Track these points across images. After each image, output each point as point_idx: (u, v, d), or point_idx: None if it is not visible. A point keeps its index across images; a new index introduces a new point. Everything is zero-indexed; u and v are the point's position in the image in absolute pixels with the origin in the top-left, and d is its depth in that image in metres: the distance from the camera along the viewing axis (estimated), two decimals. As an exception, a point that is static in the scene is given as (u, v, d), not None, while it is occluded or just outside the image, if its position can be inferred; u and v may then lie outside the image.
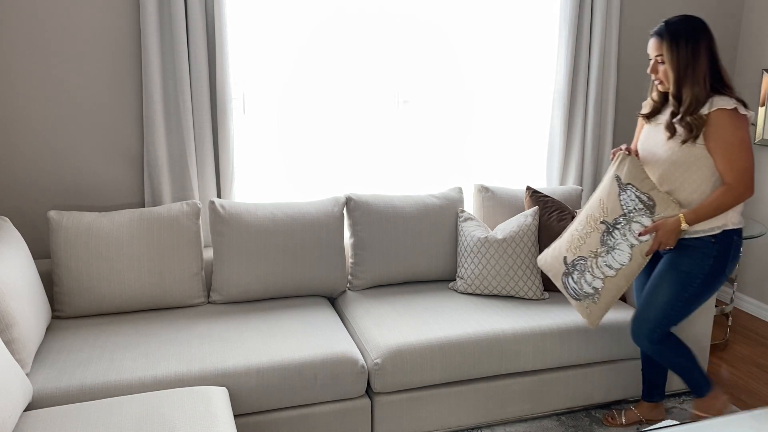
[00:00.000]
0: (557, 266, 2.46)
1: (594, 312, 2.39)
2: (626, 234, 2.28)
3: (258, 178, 3.11)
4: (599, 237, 2.33)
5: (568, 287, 2.43)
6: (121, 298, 2.58)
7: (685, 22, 2.20)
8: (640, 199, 2.27)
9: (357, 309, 2.74)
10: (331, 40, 3.05)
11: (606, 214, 2.32)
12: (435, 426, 2.57)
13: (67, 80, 2.75)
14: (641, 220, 2.26)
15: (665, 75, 2.23)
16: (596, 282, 2.35)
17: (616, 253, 2.30)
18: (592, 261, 2.35)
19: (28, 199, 2.81)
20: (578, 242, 2.38)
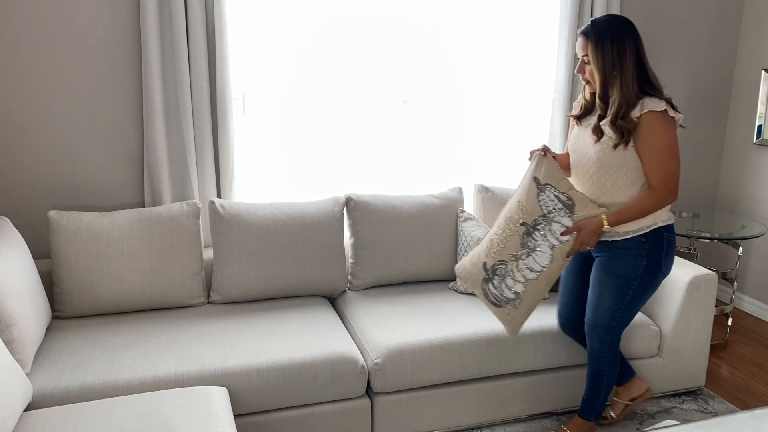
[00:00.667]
0: (476, 273, 2.38)
1: (515, 318, 2.33)
2: (547, 235, 2.24)
3: (258, 178, 3.11)
4: (519, 239, 2.28)
5: (488, 294, 2.35)
6: (121, 298, 2.58)
7: (611, 22, 2.15)
8: (559, 199, 2.23)
9: (357, 309, 2.74)
10: (331, 41, 3.05)
11: (525, 215, 2.27)
12: (435, 426, 2.57)
13: (67, 80, 2.75)
14: (561, 220, 2.23)
15: (591, 75, 2.19)
16: (517, 286, 2.29)
17: (536, 255, 2.26)
18: (512, 264, 2.29)
19: (28, 199, 2.81)
20: (498, 246, 2.32)
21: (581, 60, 2.21)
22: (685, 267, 2.78)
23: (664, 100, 2.15)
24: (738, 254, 3.45)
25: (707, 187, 4.00)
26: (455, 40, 3.23)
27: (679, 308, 2.74)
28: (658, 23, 3.59)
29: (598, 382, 2.44)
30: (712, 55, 3.77)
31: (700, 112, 3.84)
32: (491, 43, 3.26)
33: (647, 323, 2.76)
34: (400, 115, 3.25)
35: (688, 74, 3.74)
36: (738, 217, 3.69)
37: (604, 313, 2.32)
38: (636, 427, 2.66)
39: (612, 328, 2.34)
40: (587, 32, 2.16)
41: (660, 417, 2.74)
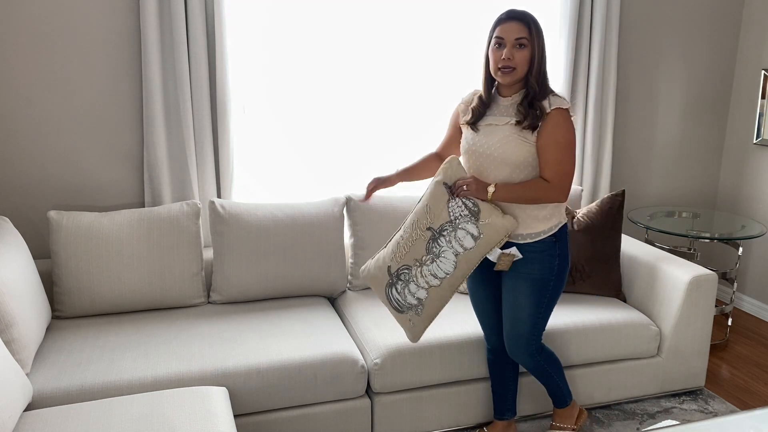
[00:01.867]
0: (380, 277, 2.31)
1: (417, 325, 2.27)
2: (452, 241, 2.18)
3: (258, 178, 3.11)
4: (425, 244, 2.22)
5: (391, 299, 2.29)
6: (121, 298, 2.58)
7: (535, 17, 2.13)
8: (466, 206, 2.18)
9: (357, 309, 2.74)
10: (332, 40, 3.05)
11: (432, 220, 2.21)
12: (435, 426, 2.57)
13: (67, 80, 2.75)
14: (467, 227, 2.17)
15: (523, 60, 2.10)
16: (420, 292, 2.23)
17: (441, 261, 2.20)
18: (416, 270, 2.23)
19: (28, 199, 2.81)
20: (403, 250, 2.25)
21: (510, 44, 2.09)
22: (685, 267, 2.78)
23: (562, 97, 2.15)
24: (738, 254, 3.45)
25: (707, 187, 4.00)
26: (455, 40, 3.23)
27: (679, 308, 2.74)
28: (658, 23, 3.59)
29: (549, 379, 2.41)
30: (712, 55, 3.77)
31: (700, 112, 3.84)
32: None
33: (647, 323, 2.76)
34: (401, 115, 3.24)
35: (688, 74, 3.75)
36: (738, 217, 3.69)
37: (525, 321, 2.26)
38: (636, 427, 2.66)
39: (534, 336, 2.29)
40: (521, 17, 2.10)
41: (660, 417, 2.74)
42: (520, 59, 2.10)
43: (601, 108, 3.49)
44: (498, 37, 2.12)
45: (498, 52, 2.12)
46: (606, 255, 2.91)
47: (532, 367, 2.37)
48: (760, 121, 3.68)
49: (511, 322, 2.29)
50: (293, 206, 2.82)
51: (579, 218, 2.96)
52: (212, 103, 2.91)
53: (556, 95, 2.16)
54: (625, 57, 3.58)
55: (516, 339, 2.30)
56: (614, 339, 2.70)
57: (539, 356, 2.34)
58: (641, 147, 3.76)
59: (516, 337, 2.30)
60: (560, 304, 2.81)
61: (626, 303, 2.94)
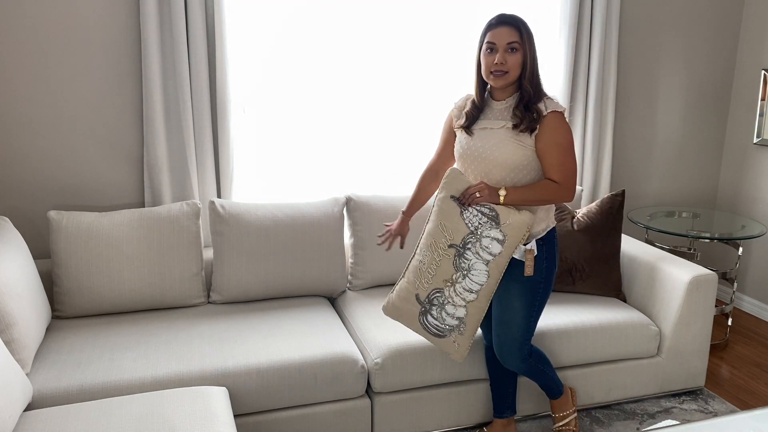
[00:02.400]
0: (410, 308, 2.25)
1: (462, 344, 2.24)
2: (479, 252, 2.15)
3: (258, 178, 3.11)
4: (451, 262, 2.18)
5: (429, 327, 2.24)
6: (121, 298, 2.58)
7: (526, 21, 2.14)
8: (482, 213, 2.14)
9: (357, 309, 2.74)
10: (332, 40, 3.05)
11: (452, 237, 2.17)
12: (435, 426, 2.57)
13: (67, 80, 2.75)
14: (490, 234, 2.13)
15: (516, 64, 2.10)
16: (459, 311, 2.20)
17: (473, 275, 2.16)
18: (449, 290, 2.19)
19: (28, 199, 2.81)
20: (428, 274, 2.20)
21: (502, 48, 2.09)
22: (685, 267, 2.78)
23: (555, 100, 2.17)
24: (738, 254, 3.45)
25: (707, 187, 4.00)
26: (455, 40, 3.23)
27: (679, 308, 2.74)
28: (658, 23, 3.59)
29: (542, 375, 2.41)
30: (712, 55, 3.77)
31: (700, 112, 3.84)
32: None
33: (647, 323, 2.76)
34: (401, 115, 3.24)
35: (688, 74, 3.75)
36: (738, 217, 3.69)
37: (518, 324, 2.25)
38: (636, 427, 2.66)
39: (526, 339, 2.29)
40: (512, 21, 2.10)
41: (660, 417, 2.74)
42: (513, 63, 2.10)
43: (601, 108, 3.49)
44: (489, 42, 2.12)
45: (490, 57, 2.13)
46: (606, 255, 2.91)
47: (526, 370, 2.36)
48: (760, 121, 3.68)
49: (504, 326, 2.28)
50: (293, 206, 2.82)
51: (579, 218, 2.95)
52: (212, 103, 2.91)
53: (550, 98, 2.16)
54: (625, 57, 3.58)
55: (509, 344, 2.29)
56: (614, 339, 2.70)
57: (531, 359, 2.35)
58: (641, 147, 3.76)
59: (509, 342, 2.29)
60: (560, 304, 2.81)
61: (626, 303, 2.94)
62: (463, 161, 2.26)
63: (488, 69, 2.14)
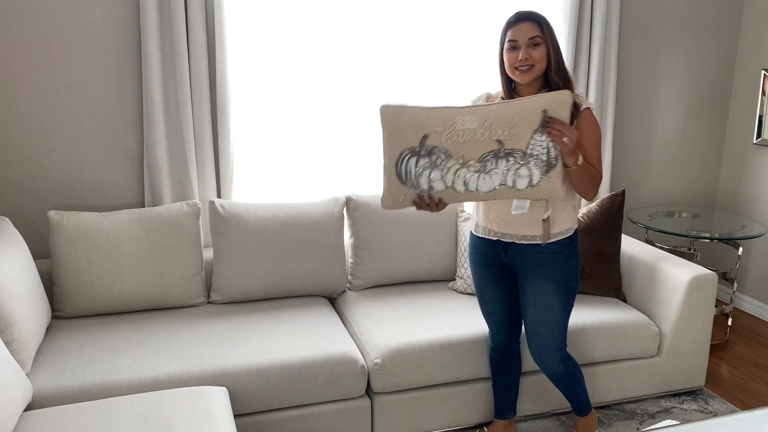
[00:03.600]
0: (406, 134, 1.98)
1: (403, 203, 2.04)
2: (509, 171, 1.97)
3: (258, 178, 3.11)
4: (483, 152, 1.96)
5: (401, 164, 1.99)
6: (121, 298, 2.58)
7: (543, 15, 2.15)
8: (548, 151, 1.95)
9: (357, 309, 2.74)
10: (331, 40, 3.05)
11: (508, 136, 1.95)
12: (435, 426, 2.57)
13: (68, 80, 2.75)
14: (532, 170, 1.96)
15: (540, 57, 2.09)
16: (438, 184, 2.00)
17: (483, 178, 1.98)
18: (455, 164, 1.98)
19: (28, 199, 2.81)
20: (456, 136, 1.96)
21: (525, 44, 2.08)
22: (685, 267, 2.78)
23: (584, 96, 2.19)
24: (738, 254, 3.45)
25: (707, 187, 4.00)
26: (455, 39, 3.23)
27: (679, 308, 2.74)
28: (658, 23, 3.59)
29: (577, 384, 2.38)
30: (712, 55, 3.77)
31: (700, 112, 3.84)
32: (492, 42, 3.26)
33: (647, 323, 2.76)
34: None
35: (688, 74, 3.74)
36: (738, 217, 3.69)
37: (556, 323, 2.23)
38: (636, 427, 2.66)
39: (564, 338, 2.28)
40: (531, 16, 2.10)
41: (660, 417, 2.74)
42: (537, 57, 2.10)
43: (601, 108, 3.49)
44: (511, 40, 2.11)
45: (513, 54, 2.11)
46: (606, 255, 2.91)
47: (563, 373, 2.31)
48: (760, 121, 3.68)
49: (544, 326, 2.23)
50: (293, 206, 2.82)
51: (579, 218, 2.96)
52: (212, 103, 2.91)
53: (579, 94, 2.17)
54: (625, 57, 3.58)
55: (550, 345, 2.25)
56: (614, 339, 2.70)
57: (569, 362, 2.32)
58: (641, 147, 3.76)
59: (550, 343, 2.25)
60: (560, 304, 2.81)
61: (626, 303, 2.94)
62: None
63: (512, 65, 2.12)
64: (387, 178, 2.03)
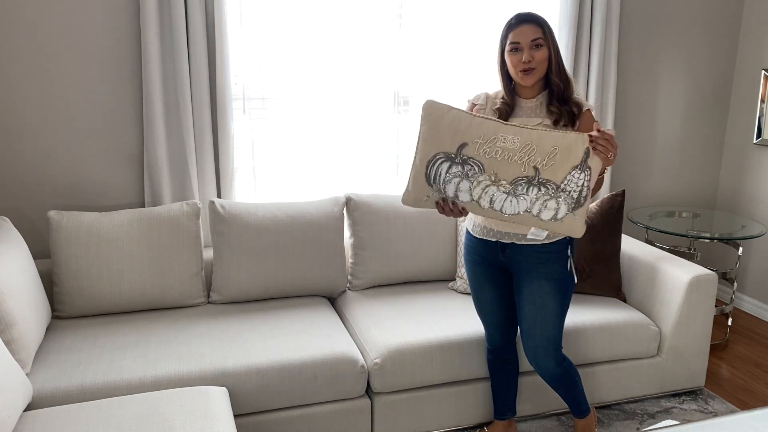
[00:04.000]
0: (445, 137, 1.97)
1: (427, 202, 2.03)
2: (538, 201, 1.95)
3: (258, 178, 3.11)
4: (516, 176, 1.95)
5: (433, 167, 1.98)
6: (121, 298, 2.58)
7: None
8: (580, 191, 1.94)
9: (357, 309, 2.74)
10: (332, 40, 3.05)
11: (545, 166, 1.94)
12: (435, 426, 2.57)
13: (68, 80, 2.75)
14: (560, 205, 1.95)
15: (542, 59, 2.10)
16: (464, 195, 1.98)
17: (510, 201, 1.97)
18: (485, 180, 1.96)
19: (28, 199, 2.81)
20: (494, 152, 1.95)
21: (527, 46, 2.09)
22: (685, 267, 2.78)
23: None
24: (738, 254, 3.45)
25: (707, 187, 4.00)
26: (455, 39, 3.23)
27: (679, 308, 2.74)
28: (658, 23, 3.59)
29: (574, 385, 2.37)
30: (712, 55, 3.77)
31: (700, 112, 3.84)
32: (491, 42, 3.26)
33: (647, 323, 2.76)
34: (400, 115, 3.25)
35: (688, 74, 3.74)
36: (738, 217, 3.69)
37: (552, 323, 2.23)
38: (636, 427, 2.66)
39: (560, 340, 2.27)
40: (533, 18, 2.11)
41: (660, 417, 2.74)
42: (539, 59, 2.11)
43: (601, 108, 3.49)
44: (513, 42, 2.12)
45: (515, 56, 2.12)
46: (606, 255, 2.91)
47: (560, 375, 2.30)
48: (760, 121, 3.68)
49: (539, 326, 2.23)
50: (293, 206, 2.82)
51: (579, 218, 2.95)
52: (212, 103, 2.91)
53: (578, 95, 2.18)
54: (625, 57, 3.58)
55: (545, 346, 2.25)
56: (614, 339, 2.69)
57: (565, 363, 2.32)
58: (641, 147, 3.76)
59: (545, 344, 2.25)
60: (560, 304, 2.81)
61: (626, 303, 2.94)
62: None
63: (516, 68, 2.13)
64: (414, 175, 2.02)
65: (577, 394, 2.39)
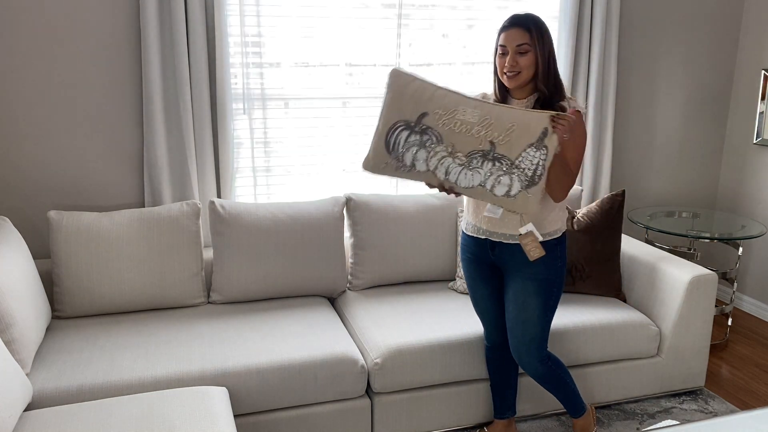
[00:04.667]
0: (408, 105, 1.98)
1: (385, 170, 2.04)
2: (491, 175, 1.97)
3: (258, 178, 3.10)
4: (472, 148, 1.97)
5: (393, 134, 1.99)
6: (121, 298, 2.58)
7: (537, 17, 2.12)
8: (535, 170, 1.95)
9: (357, 309, 2.74)
10: (331, 39, 3.05)
11: (502, 142, 1.95)
12: (435, 426, 2.57)
13: (68, 80, 2.75)
14: (514, 182, 1.96)
15: (528, 64, 2.09)
16: (421, 164, 2.00)
17: (465, 173, 1.99)
18: (442, 150, 1.98)
19: (28, 199, 2.81)
20: (453, 123, 1.97)
21: (513, 51, 2.08)
22: (685, 267, 2.78)
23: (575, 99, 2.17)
24: (738, 254, 3.45)
25: (707, 187, 4.00)
26: (455, 39, 3.23)
27: (679, 308, 2.74)
28: (658, 23, 3.59)
29: (562, 384, 2.38)
30: (712, 55, 3.77)
31: (700, 112, 3.84)
32: (491, 42, 3.26)
33: (647, 323, 2.76)
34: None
35: (688, 74, 3.74)
36: (738, 217, 3.69)
37: (535, 323, 2.24)
38: (636, 427, 2.66)
39: (544, 340, 2.28)
40: (522, 22, 2.09)
41: (660, 417, 2.74)
42: (524, 64, 2.10)
43: (601, 108, 3.49)
44: (501, 45, 2.13)
45: (502, 60, 2.13)
46: (606, 255, 2.91)
47: (544, 374, 2.33)
48: (760, 121, 3.68)
49: (521, 325, 2.25)
50: (293, 206, 2.82)
51: (579, 218, 2.96)
52: (212, 103, 2.91)
53: (571, 98, 2.17)
54: (625, 57, 3.58)
55: (527, 344, 2.27)
56: (614, 339, 2.70)
57: (550, 362, 2.33)
58: (641, 147, 3.76)
59: (527, 342, 2.27)
60: (560, 304, 2.81)
61: (626, 303, 2.94)
62: None
63: (501, 71, 2.15)
64: (376, 141, 2.04)
65: (568, 393, 2.40)
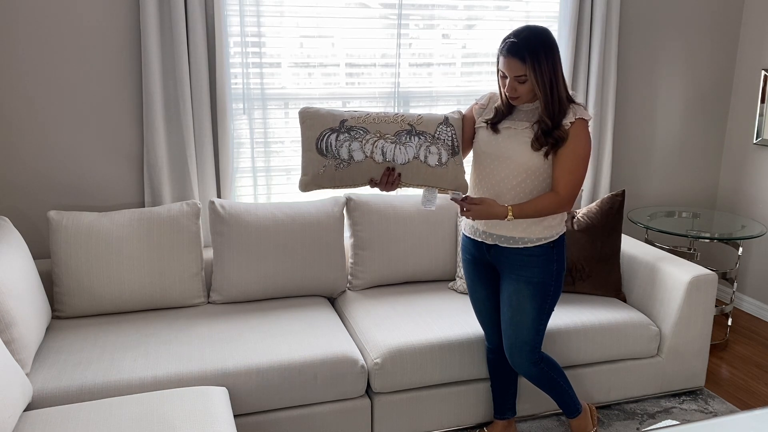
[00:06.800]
0: (327, 120, 2.15)
1: (323, 178, 2.15)
2: (422, 147, 2.16)
3: (258, 178, 3.10)
4: (396, 130, 2.17)
5: (322, 140, 2.13)
6: (121, 298, 2.58)
7: (538, 35, 2.06)
8: (452, 141, 2.18)
9: (357, 309, 2.74)
10: (331, 39, 3.05)
11: (417, 124, 2.18)
12: (435, 426, 2.57)
13: (68, 80, 2.75)
14: (441, 151, 2.17)
15: (526, 91, 2.10)
16: (358, 154, 2.13)
17: (399, 148, 2.15)
18: (373, 138, 2.14)
19: (28, 199, 2.81)
20: (371, 119, 2.17)
21: (511, 78, 2.09)
22: (685, 267, 2.78)
23: (583, 107, 2.16)
24: (738, 254, 3.45)
25: (707, 187, 4.00)
26: (455, 39, 3.23)
27: (679, 308, 2.74)
28: (658, 23, 3.59)
29: (555, 386, 2.38)
30: (712, 55, 3.77)
31: (700, 112, 3.84)
32: (491, 43, 3.26)
33: (647, 323, 2.76)
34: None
35: (688, 74, 3.74)
36: (738, 217, 3.69)
37: (528, 326, 2.24)
38: (636, 427, 2.66)
39: (537, 343, 2.28)
40: (520, 52, 2.04)
41: (660, 417, 2.74)
42: (522, 91, 2.11)
43: (601, 108, 3.49)
44: (501, 69, 2.13)
45: (503, 81, 2.15)
46: (606, 255, 2.91)
47: (536, 375, 2.33)
48: (760, 121, 3.68)
49: (514, 328, 2.26)
50: (293, 206, 2.82)
51: (579, 218, 2.96)
52: (212, 103, 2.91)
53: (577, 104, 2.14)
54: (625, 57, 3.58)
55: (519, 347, 2.28)
56: (614, 339, 2.70)
57: (542, 364, 2.33)
58: (641, 147, 3.76)
59: (519, 345, 2.27)
60: (560, 304, 2.81)
61: (626, 303, 2.94)
62: (483, 158, 2.23)
63: (503, 91, 2.17)
64: (305, 158, 2.16)
65: (561, 394, 2.40)
